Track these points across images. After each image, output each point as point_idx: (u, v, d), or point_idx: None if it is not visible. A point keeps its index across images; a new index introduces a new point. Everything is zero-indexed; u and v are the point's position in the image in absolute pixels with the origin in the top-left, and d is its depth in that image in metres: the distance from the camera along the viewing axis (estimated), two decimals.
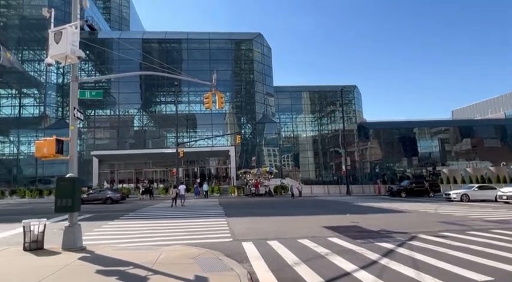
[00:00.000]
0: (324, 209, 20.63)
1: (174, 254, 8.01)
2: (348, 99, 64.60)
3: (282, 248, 8.87)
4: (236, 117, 53.04)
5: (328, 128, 70.51)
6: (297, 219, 15.50)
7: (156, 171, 44.55)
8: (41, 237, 8.66)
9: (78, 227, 8.82)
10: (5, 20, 46.96)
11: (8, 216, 18.25)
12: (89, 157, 42.73)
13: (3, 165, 43.45)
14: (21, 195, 36.53)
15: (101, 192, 29.60)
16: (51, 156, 8.60)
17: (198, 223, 14.29)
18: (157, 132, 51.06)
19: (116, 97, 47.89)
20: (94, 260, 7.32)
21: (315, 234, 11.06)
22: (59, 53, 8.78)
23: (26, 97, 47.14)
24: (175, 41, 49.65)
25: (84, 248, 8.63)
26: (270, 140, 52.19)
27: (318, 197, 34.33)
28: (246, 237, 10.59)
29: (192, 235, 11.27)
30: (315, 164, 70.26)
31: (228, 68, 49.45)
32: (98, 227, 13.60)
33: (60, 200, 8.48)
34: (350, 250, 8.52)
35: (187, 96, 50.14)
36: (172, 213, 18.65)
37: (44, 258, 7.61)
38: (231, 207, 22.03)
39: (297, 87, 68.51)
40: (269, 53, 52.18)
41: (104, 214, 18.81)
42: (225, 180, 45.03)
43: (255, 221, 14.79)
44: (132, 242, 10.23)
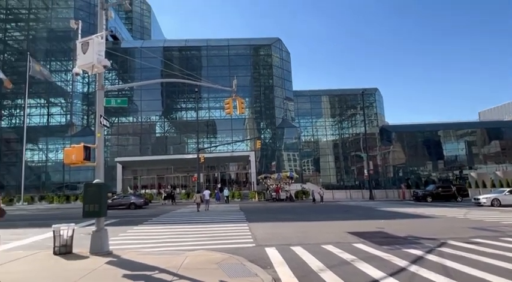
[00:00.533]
0: (347, 214, 20.26)
1: (198, 259, 8.04)
2: (369, 102, 63.60)
3: (306, 253, 8.74)
4: (256, 123, 53.18)
5: (349, 132, 69.52)
6: (319, 225, 15.28)
7: (178, 177, 45.14)
8: (70, 241, 8.90)
9: (105, 232, 9.02)
10: (34, 33, 49.14)
11: (38, 221, 18.93)
12: (113, 163, 43.81)
13: (33, 172, 45.15)
14: (49, 200, 37.85)
15: (124, 198, 30.20)
16: (79, 162, 8.86)
17: (220, 228, 14.33)
18: (178, 138, 51.85)
19: (138, 104, 49.08)
20: (120, 265, 7.45)
21: (339, 240, 10.86)
22: (86, 63, 9.08)
23: (54, 106, 49.01)
24: (195, 49, 50.50)
25: (110, 253, 8.80)
26: (290, 145, 51.95)
27: (340, 202, 33.79)
28: (268, 243, 10.51)
29: (214, 240, 11.30)
30: (336, 169, 69.29)
31: (247, 73, 49.76)
32: (123, 231, 13.86)
33: (88, 205, 8.71)
34: (377, 256, 8.29)
35: (207, 103, 50.73)
36: (194, 219, 18.80)
37: (73, 262, 7.80)
38: (252, 213, 21.99)
39: (317, 91, 68.02)
40: (288, 57, 52.20)
41: (128, 219, 19.17)
42: (245, 185, 45.09)
43: (277, 227, 14.68)
44: (156, 246, 10.36)
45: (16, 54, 48.75)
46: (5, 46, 49.34)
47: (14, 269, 7.16)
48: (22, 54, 44.33)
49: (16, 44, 49.92)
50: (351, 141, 67.90)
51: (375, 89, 65.62)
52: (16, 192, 39.38)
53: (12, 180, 43.46)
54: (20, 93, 43.75)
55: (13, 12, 48.51)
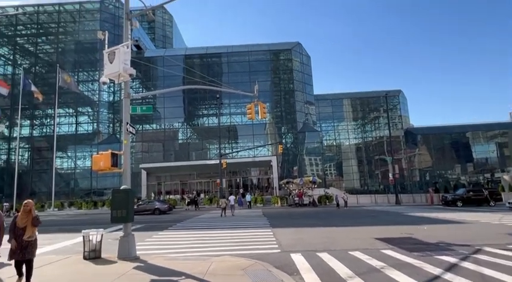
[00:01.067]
0: (373, 220, 19.74)
1: (223, 264, 8.01)
2: (392, 105, 62.23)
3: (333, 260, 8.54)
4: (277, 127, 53.08)
5: (372, 135, 68.14)
6: (345, 230, 14.95)
7: (200, 182, 45.58)
8: (99, 246, 9.11)
9: (132, 237, 9.17)
10: (62, 45, 51.33)
11: (68, 227, 19.55)
12: (137, 170, 44.80)
13: (63, 179, 46.85)
14: (78, 206, 39.12)
15: (149, 203, 30.74)
16: (107, 169, 9.08)
17: (243, 234, 14.28)
18: (200, 144, 52.47)
19: (162, 112, 50.12)
20: (148, 270, 7.53)
21: (366, 246, 10.57)
22: (113, 72, 9.35)
23: (81, 115, 50.81)
24: (216, 56, 51.15)
25: (137, 258, 8.93)
26: (312, 149, 51.46)
27: (364, 207, 33.02)
28: (294, 249, 10.36)
29: (239, 246, 11.26)
30: (360, 173, 67.99)
31: (267, 78, 49.87)
32: (149, 237, 14.07)
33: (115, 211, 8.89)
34: (407, 264, 7.99)
35: (229, 108, 51.14)
36: (218, 224, 18.85)
37: (102, 267, 7.96)
38: (276, 218, 21.83)
39: (338, 95, 67.22)
40: (308, 61, 51.96)
41: (153, 224, 19.47)
42: (267, 190, 44.94)
43: (302, 232, 14.48)
44: (181, 252, 10.43)
45: (46, 66, 50.96)
46: (36, 59, 51.80)
47: (48, 273, 7.38)
48: (52, 66, 46.27)
49: (46, 57, 52.22)
50: (375, 145, 66.52)
51: (399, 91, 64.15)
52: (47, 198, 40.93)
53: (44, 186, 45.23)
54: (50, 103, 45.64)
55: (44, 27, 50.85)
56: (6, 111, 47.78)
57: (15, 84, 46.09)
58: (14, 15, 49.44)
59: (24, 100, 42.78)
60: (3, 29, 50.88)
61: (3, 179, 45.04)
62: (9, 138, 47.93)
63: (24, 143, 48.96)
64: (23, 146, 48.90)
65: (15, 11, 49.31)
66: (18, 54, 52.14)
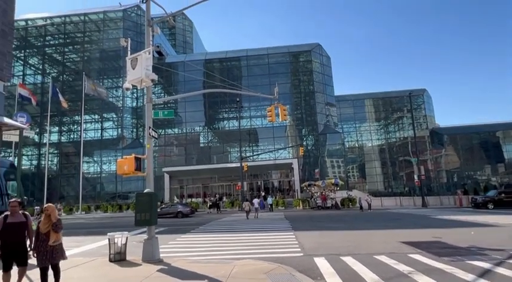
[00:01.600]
0: (399, 223, 19.17)
1: (246, 268, 7.96)
2: (416, 104, 60.56)
3: (357, 264, 8.32)
4: (297, 130, 52.76)
5: (396, 136, 66.48)
6: (369, 234, 14.58)
7: (222, 186, 45.85)
8: (124, 249, 9.27)
9: (156, 240, 9.28)
10: (88, 54, 53.20)
11: (94, 229, 20.08)
12: (160, 173, 45.62)
13: (89, 183, 48.36)
14: (104, 209, 40.21)
15: (172, 207, 31.17)
16: (130, 173, 9.25)
17: (265, 237, 14.19)
18: (221, 148, 52.87)
19: (183, 116, 50.92)
20: (171, 273, 7.58)
21: (392, 250, 10.24)
22: (135, 78, 9.54)
23: (106, 121, 52.38)
24: (235, 59, 51.51)
25: (161, 260, 9.02)
26: (334, 151, 50.80)
27: (389, 210, 32.18)
28: (317, 252, 10.18)
29: (260, 249, 11.18)
30: (383, 175, 66.33)
31: (287, 80, 49.72)
32: (172, 240, 14.22)
33: (139, 214, 9.04)
34: (437, 269, 7.67)
35: (249, 111, 51.33)
36: (239, 227, 18.84)
37: (127, 270, 8.09)
38: (298, 221, 21.60)
39: (360, 95, 66.10)
40: (328, 62, 51.42)
41: (176, 227, 19.70)
42: (288, 193, 44.65)
43: (325, 235, 14.24)
44: (203, 255, 10.46)
45: (73, 74, 52.91)
46: (64, 67, 53.92)
47: (75, 275, 7.56)
48: (78, 74, 48.00)
49: (73, 65, 54.27)
50: (399, 146, 64.83)
51: (423, 90, 62.37)
52: (75, 202, 42.36)
53: (72, 190, 46.86)
54: (77, 110, 47.31)
55: (70, 36, 52.89)
56: (36, 119, 49.87)
57: (44, 92, 48.05)
58: (43, 26, 51.66)
59: (53, 107, 44.55)
60: (33, 40, 53.32)
61: (34, 183, 46.92)
62: (39, 144, 49.93)
63: (53, 148, 50.93)
64: (52, 152, 50.87)
65: (44, 22, 51.46)
66: (47, 64, 54.43)
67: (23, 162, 52.01)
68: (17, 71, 53.42)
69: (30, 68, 54.43)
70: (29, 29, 52.34)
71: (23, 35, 52.27)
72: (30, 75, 54.10)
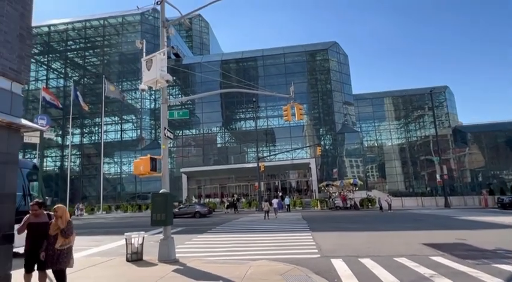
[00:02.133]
0: (420, 224, 18.58)
1: (261, 269, 7.85)
2: (438, 102, 58.87)
3: (377, 267, 8.07)
4: (315, 129, 52.24)
5: (417, 135, 64.84)
6: (389, 235, 14.19)
7: (239, 186, 45.90)
8: (140, 249, 9.35)
9: (172, 240, 9.30)
10: (108, 57, 54.43)
11: (114, 229, 20.44)
12: (178, 174, 46.17)
13: (110, 183, 49.44)
14: (124, 209, 41.01)
15: (190, 207, 31.45)
16: (146, 173, 9.32)
17: (282, 237, 14.04)
18: (238, 148, 53.00)
19: (200, 117, 51.36)
20: (186, 273, 7.56)
21: (413, 252, 9.90)
22: (151, 79, 9.62)
23: (126, 123, 53.45)
24: (251, 59, 51.49)
25: (177, 261, 9.04)
26: (352, 151, 49.99)
27: (410, 210, 31.35)
28: (334, 254, 9.96)
29: (277, 250, 11.05)
30: (404, 175, 64.78)
31: (303, 80, 49.31)
32: (189, 240, 14.28)
33: (155, 214, 9.08)
34: (461, 272, 7.33)
35: (266, 111, 51.24)
36: (256, 227, 18.76)
37: (143, 269, 8.14)
38: (315, 221, 21.32)
39: (378, 93, 64.86)
40: (346, 60, 50.66)
41: (193, 227, 19.81)
42: (306, 193, 44.24)
43: (343, 236, 13.95)
44: (219, 255, 10.43)
45: (94, 77, 54.25)
46: (85, 71, 55.39)
47: (92, 274, 7.66)
48: (98, 77, 49.16)
49: (94, 69, 55.64)
50: (420, 145, 63.20)
51: (445, 87, 60.57)
52: (96, 202, 43.38)
53: (93, 191, 48.02)
54: (98, 112, 48.45)
55: (90, 41, 54.25)
56: (59, 121, 51.45)
57: (66, 95, 49.46)
58: (65, 31, 53.22)
59: (75, 110, 45.78)
60: (56, 45, 55.00)
61: (58, 184, 48.37)
62: (62, 146, 51.43)
63: (76, 150, 52.37)
64: (74, 153, 52.30)
65: (65, 27, 53.01)
66: (69, 68, 56.04)
67: (47, 163, 53.97)
68: (41, 75, 55.35)
69: (53, 72, 56.17)
70: (51, 35, 54.03)
71: (46, 40, 54.02)
72: (54, 79, 55.84)
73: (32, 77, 54.82)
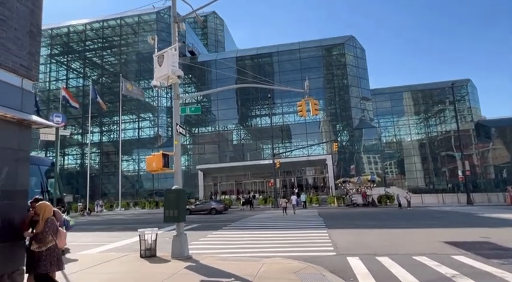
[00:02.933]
0: (441, 221, 17.97)
1: (274, 267, 7.69)
2: (460, 95, 57.03)
3: (395, 266, 7.76)
4: (331, 125, 51.54)
5: (437, 130, 63.03)
6: (408, 233, 13.75)
7: (255, 183, 45.81)
8: (154, 245, 9.34)
9: (185, 237, 9.24)
10: (125, 56, 55.23)
11: (131, 225, 20.69)
12: (195, 171, 46.49)
13: (128, 181, 50.30)
14: (142, 206, 41.66)
15: (206, 203, 31.61)
16: (159, 169, 9.28)
17: (297, 234, 13.82)
18: (254, 145, 52.91)
19: (216, 114, 51.53)
20: (198, 270, 7.48)
21: (433, 250, 9.50)
22: (162, 75, 9.57)
23: (143, 121, 54.16)
24: (266, 55, 51.14)
25: (190, 257, 8.98)
26: (370, 147, 49.05)
27: (430, 207, 30.48)
28: (351, 252, 9.68)
29: (292, 247, 10.86)
30: (424, 171, 63.14)
31: (319, 75, 48.52)
32: (203, 236, 14.26)
33: (168, 210, 9.04)
34: (485, 273, 6.94)
35: (281, 108, 50.86)
36: (271, 224, 18.60)
37: (156, 266, 8.11)
38: (332, 218, 20.98)
39: (397, 88, 63.33)
40: (363, 54, 49.57)
41: (208, 224, 19.83)
42: (322, 190, 43.74)
43: (360, 234, 13.60)
44: (233, 252, 10.32)
45: (112, 76, 55.19)
46: (103, 70, 56.42)
47: (105, 270, 7.69)
48: (116, 76, 49.94)
49: (112, 68, 56.58)
50: (440, 140, 61.41)
51: (467, 80, 58.55)
52: (115, 198, 44.22)
53: (112, 188, 48.96)
54: (116, 111, 49.26)
55: (108, 40, 55.15)
56: (78, 120, 52.67)
57: (85, 94, 50.51)
58: (83, 31, 54.31)
59: (94, 109, 46.74)
60: (75, 45, 56.22)
61: (78, 181, 49.56)
62: (82, 144, 52.64)
63: (95, 148, 53.55)
64: (94, 151, 53.47)
65: (84, 27, 54.09)
66: (88, 67, 57.22)
67: (69, 161, 55.45)
68: (61, 75, 56.74)
69: (73, 72, 57.48)
70: (70, 35, 55.21)
71: (66, 41, 55.27)
72: (73, 79, 57.14)
73: (52, 77, 56.43)
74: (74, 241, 14.39)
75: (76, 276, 7.20)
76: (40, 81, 56.16)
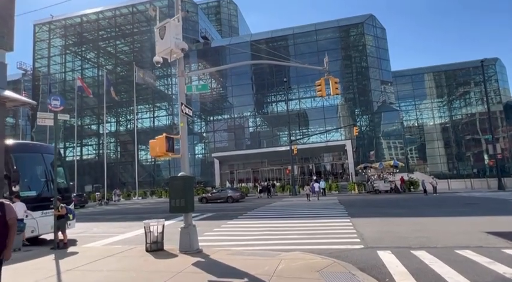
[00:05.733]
0: (476, 209, 16.51)
1: (294, 263, 6.67)
2: (487, 76, 53.75)
3: (436, 262, 6.60)
4: (350, 110, 49.67)
5: (462, 112, 60.07)
6: (441, 221, 12.46)
7: (272, 170, 44.81)
8: (160, 238, 8.48)
9: (194, 229, 8.32)
10: (138, 45, 54.54)
11: (145, 215, 20.15)
12: (211, 159, 45.85)
13: (145, 170, 50.29)
14: (158, 195, 41.48)
15: (222, 192, 30.94)
16: (162, 154, 8.36)
17: (318, 224, 12.75)
18: (270, 132, 51.79)
19: (231, 101, 50.52)
20: (207, 267, 6.54)
21: (478, 242, 8.26)
22: (164, 49, 8.58)
23: (159, 110, 53.76)
24: (281, 39, 49.37)
25: (200, 251, 8.08)
26: (391, 131, 46.95)
27: (458, 194, 28.75)
28: (381, 244, 8.56)
29: (313, 239, 9.81)
30: (447, 156, 60.57)
31: (337, 57, 46.31)
32: (217, 226, 13.41)
33: (174, 200, 8.11)
34: None
35: (298, 93, 49.30)
36: (289, 213, 17.60)
37: (161, 262, 7.23)
38: (353, 206, 19.79)
39: (418, 69, 60.47)
40: (383, 34, 46.97)
41: (223, 213, 19.03)
42: (342, 176, 42.34)
43: (387, 223, 12.41)
44: (248, 244, 9.38)
45: (126, 66, 54.72)
46: (117, 60, 56.05)
47: (104, 267, 6.87)
48: (130, 65, 49.39)
49: (126, 57, 56.06)
50: (465, 124, 58.55)
51: (495, 59, 55.19)
52: (133, 188, 44.24)
53: (129, 177, 49.04)
54: (131, 100, 48.95)
55: (121, 29, 54.53)
56: (95, 110, 52.75)
57: (99, 84, 50.34)
58: (96, 21, 53.84)
59: (109, 99, 46.57)
60: (89, 35, 55.94)
61: (96, 171, 49.86)
62: (98, 134, 52.79)
63: (112, 138, 53.70)
64: (111, 141, 53.65)
65: (96, 17, 53.59)
66: (102, 57, 56.99)
67: (88, 152, 55.94)
68: (77, 66, 56.79)
69: (87, 62, 57.44)
70: (84, 25, 54.87)
71: (79, 31, 55.02)
72: (88, 69, 57.13)
73: (68, 68, 56.51)
74: (84, 232, 13.86)
75: (70, 275, 6.40)
76: (56, 71, 56.53)
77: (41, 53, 56.64)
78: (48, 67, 56.10)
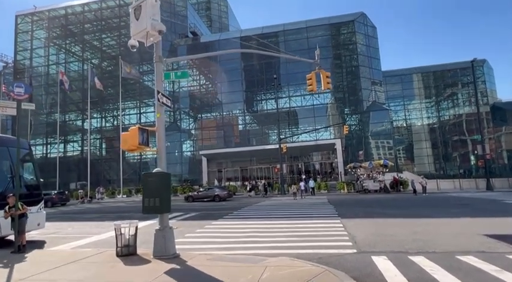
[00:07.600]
0: (468, 209, 16.06)
1: (281, 272, 5.90)
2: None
3: (438, 269, 5.93)
4: (339, 109, 49.27)
5: (449, 113, 60.42)
6: (437, 223, 11.89)
7: (260, 168, 44.05)
8: (133, 241, 7.62)
9: (170, 231, 7.49)
10: (125, 39, 52.92)
11: (126, 214, 19.18)
12: (199, 157, 44.79)
13: (130, 167, 48.95)
14: None
15: (209, 190, 30.09)
16: (134, 147, 7.51)
17: (307, 225, 12.04)
18: (260, 130, 51.05)
19: (220, 99, 49.60)
20: (181, 277, 5.72)
21: (478, 246, 7.65)
22: (140, 31, 7.69)
23: (145, 106, 52.34)
24: (272, 35, 48.49)
25: (177, 256, 7.26)
26: (380, 131, 46.67)
27: (448, 194, 28.52)
28: (375, 249, 7.88)
29: (301, 241, 9.08)
30: (434, 156, 60.87)
31: (328, 55, 45.68)
32: (201, 227, 12.58)
33: (147, 199, 7.24)
34: None
35: (288, 92, 48.62)
36: (277, 213, 16.88)
37: (129, 269, 6.39)
38: (343, 206, 19.18)
39: (407, 70, 60.46)
40: (374, 32, 46.57)
41: (209, 212, 18.19)
42: (331, 176, 41.90)
43: (380, 225, 11.77)
44: (231, 247, 8.60)
45: (112, 60, 53.14)
46: (103, 54, 54.44)
47: (64, 276, 5.98)
48: (116, 59, 47.89)
49: (113, 52, 54.37)
50: (452, 124, 58.90)
51: (483, 61, 55.46)
52: (118, 185, 42.90)
53: (114, 174, 47.61)
54: (118, 96, 47.53)
55: (107, 22, 52.91)
56: (79, 105, 51.13)
57: (84, 79, 48.75)
58: (81, 13, 52.12)
59: (94, 94, 45.09)
60: (74, 28, 54.13)
61: (80, 168, 48.25)
62: (82, 130, 51.14)
63: (97, 134, 52.13)
64: (96, 137, 52.07)
65: (82, 8, 51.89)
66: (88, 51, 55.26)
67: (72, 148, 54.21)
68: (61, 59, 54.95)
69: (72, 56, 55.66)
70: (68, 17, 53.05)
71: (64, 23, 53.17)
72: (73, 63, 55.39)
73: (51, 61, 54.60)
74: (57, 232, 12.88)
75: None
76: (39, 65, 54.61)
77: (23, 45, 54.62)
78: (31, 60, 54.16)
